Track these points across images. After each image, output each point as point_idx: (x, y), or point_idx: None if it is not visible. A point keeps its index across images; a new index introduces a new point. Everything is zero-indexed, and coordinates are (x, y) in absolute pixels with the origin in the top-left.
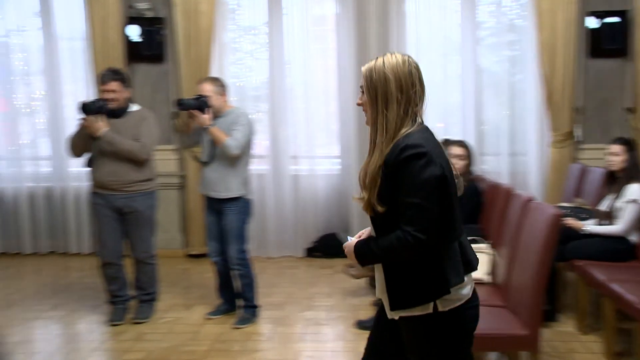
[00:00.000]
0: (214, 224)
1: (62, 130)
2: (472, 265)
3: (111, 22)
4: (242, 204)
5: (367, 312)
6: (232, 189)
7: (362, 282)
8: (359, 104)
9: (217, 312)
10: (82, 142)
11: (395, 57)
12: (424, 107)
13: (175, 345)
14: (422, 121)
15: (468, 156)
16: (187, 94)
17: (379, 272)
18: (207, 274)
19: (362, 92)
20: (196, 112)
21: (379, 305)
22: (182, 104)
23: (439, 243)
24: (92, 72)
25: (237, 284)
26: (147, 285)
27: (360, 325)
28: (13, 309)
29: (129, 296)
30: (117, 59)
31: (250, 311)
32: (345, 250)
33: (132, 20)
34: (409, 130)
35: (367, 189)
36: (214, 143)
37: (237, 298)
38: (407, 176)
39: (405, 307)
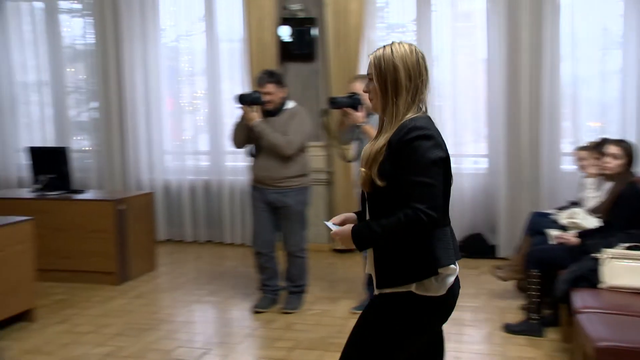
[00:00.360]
0: None
1: (220, 127)
2: (458, 254)
3: (266, 23)
4: None
5: (515, 316)
6: None
7: (510, 284)
8: (365, 92)
9: (362, 307)
10: (242, 133)
11: (403, 46)
12: (427, 95)
13: (323, 337)
14: (426, 109)
15: (627, 155)
16: (336, 92)
17: (370, 249)
18: (352, 268)
19: (370, 79)
20: (349, 110)
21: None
22: (335, 102)
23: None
24: (247, 72)
25: None
26: (297, 278)
27: (509, 329)
28: (178, 292)
29: (278, 286)
30: (270, 59)
31: None
32: (337, 237)
33: (284, 21)
34: (414, 116)
35: (368, 166)
36: (368, 140)
37: None
38: (414, 155)
39: (393, 286)
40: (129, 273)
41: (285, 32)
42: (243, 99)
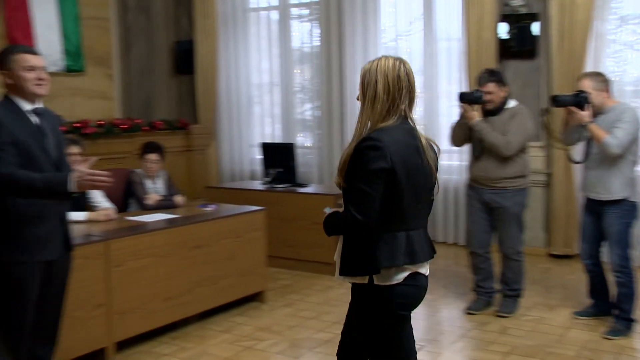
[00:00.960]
0: (590, 225)
1: (436, 126)
2: (417, 257)
3: (486, 21)
4: (625, 207)
5: None
6: (613, 191)
7: None
8: (358, 99)
9: (586, 313)
10: (461, 132)
11: (388, 61)
12: (412, 105)
13: (540, 345)
14: (407, 117)
15: None
16: (559, 90)
17: (340, 241)
18: (569, 275)
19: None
20: (574, 109)
21: None
22: (557, 100)
23: (376, 227)
24: (465, 71)
25: (613, 291)
26: (512, 281)
27: None
28: None
29: (493, 289)
30: (489, 57)
31: (624, 323)
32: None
33: (504, 18)
34: (387, 125)
35: (340, 169)
36: (594, 141)
37: (611, 307)
38: (359, 163)
39: (347, 275)
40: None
41: (503, 30)
42: (464, 98)
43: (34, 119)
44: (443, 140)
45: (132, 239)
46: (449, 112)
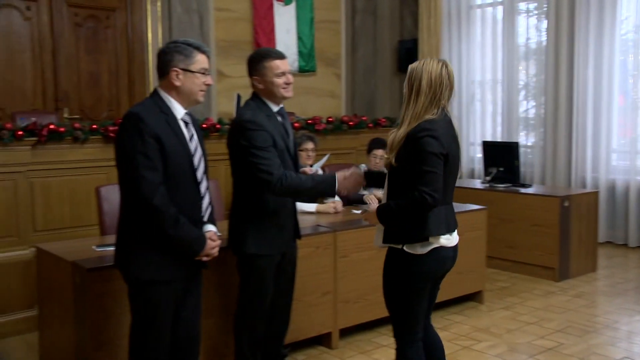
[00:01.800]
0: None
1: None
2: (451, 226)
3: None
4: None
5: None
6: None
7: None
8: (405, 93)
9: None
10: None
11: (432, 61)
12: (449, 101)
13: None
14: (447, 112)
15: None
16: None
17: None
18: None
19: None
20: None
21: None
22: None
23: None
24: None
25: None
26: None
27: None
28: (619, 298)
29: None
30: None
31: None
32: (367, 216)
33: None
34: (433, 118)
35: (390, 150)
36: None
37: None
38: (423, 150)
39: (396, 243)
40: (569, 271)
41: None
42: None
43: (280, 120)
44: None
45: (357, 231)
46: None
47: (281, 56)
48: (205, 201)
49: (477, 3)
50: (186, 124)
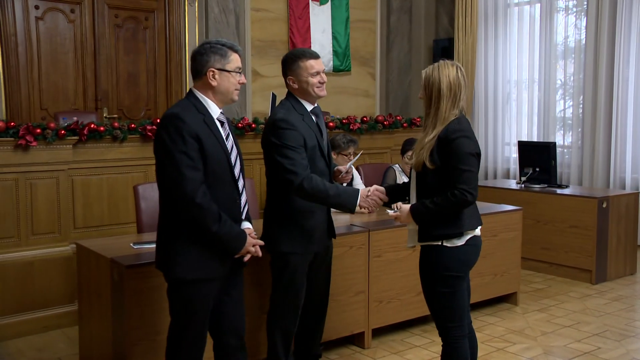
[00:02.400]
0: None
1: None
2: (479, 220)
3: None
4: None
5: None
6: None
7: None
8: (420, 98)
9: None
10: None
11: (447, 65)
12: (464, 102)
13: None
14: (464, 112)
15: None
16: None
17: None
18: None
19: (422, 89)
20: None
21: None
22: None
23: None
24: None
25: None
26: None
27: None
28: None
29: None
30: None
31: None
32: (400, 216)
33: None
34: (457, 118)
35: (421, 152)
36: None
37: None
38: (459, 150)
39: (434, 240)
40: (606, 273)
41: None
42: None
43: (314, 119)
44: None
45: (390, 231)
46: None
47: (315, 56)
48: (243, 199)
49: (514, 1)
50: (222, 123)
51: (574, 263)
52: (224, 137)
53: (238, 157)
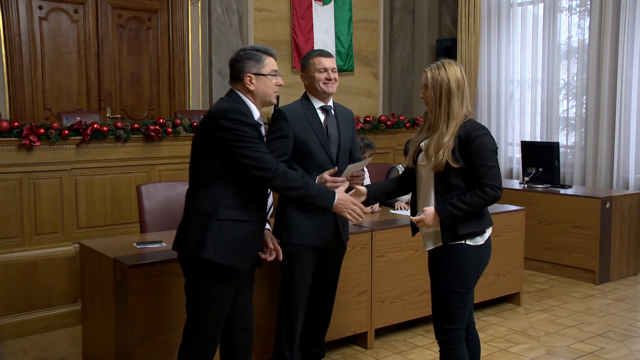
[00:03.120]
0: None
1: None
2: (491, 221)
3: None
4: None
5: None
6: None
7: None
8: (421, 98)
9: None
10: None
11: (451, 63)
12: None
13: None
14: (470, 110)
15: None
16: None
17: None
18: None
19: (426, 89)
20: None
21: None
22: None
23: None
24: None
25: None
26: None
27: None
28: None
29: None
30: None
31: None
32: (422, 223)
33: None
34: (468, 118)
35: (440, 152)
36: None
37: None
38: (484, 148)
39: (459, 240)
40: (609, 273)
41: None
42: None
43: (322, 117)
44: None
45: (393, 231)
46: None
47: (325, 54)
48: (270, 200)
49: (517, 1)
50: (260, 125)
51: (577, 263)
52: (263, 139)
53: None
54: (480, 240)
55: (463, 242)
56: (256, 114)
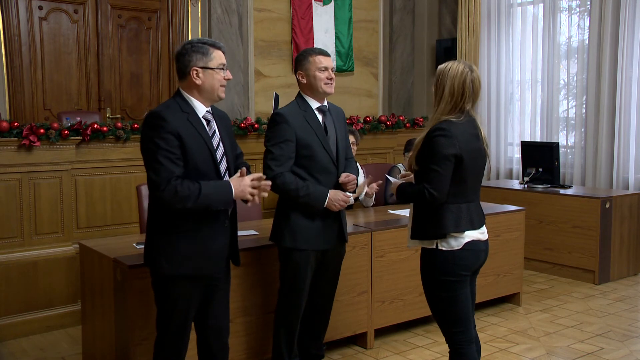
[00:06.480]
0: None
1: None
2: (475, 223)
3: None
4: None
5: None
6: None
7: None
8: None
9: None
10: None
11: (458, 66)
12: (474, 105)
13: None
14: (470, 115)
15: None
16: None
17: (410, 211)
18: None
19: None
20: None
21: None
22: None
23: (446, 201)
24: None
25: None
26: None
27: None
28: None
29: None
30: None
31: None
32: (392, 186)
33: None
34: (453, 118)
35: (415, 150)
36: None
37: None
38: (433, 149)
39: (418, 239)
40: (609, 274)
41: None
42: None
43: (319, 117)
44: None
45: (393, 231)
46: None
47: (325, 53)
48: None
49: (517, 1)
50: (208, 121)
51: (577, 263)
52: (210, 135)
53: (225, 155)
54: (455, 245)
55: (434, 247)
56: (201, 110)
